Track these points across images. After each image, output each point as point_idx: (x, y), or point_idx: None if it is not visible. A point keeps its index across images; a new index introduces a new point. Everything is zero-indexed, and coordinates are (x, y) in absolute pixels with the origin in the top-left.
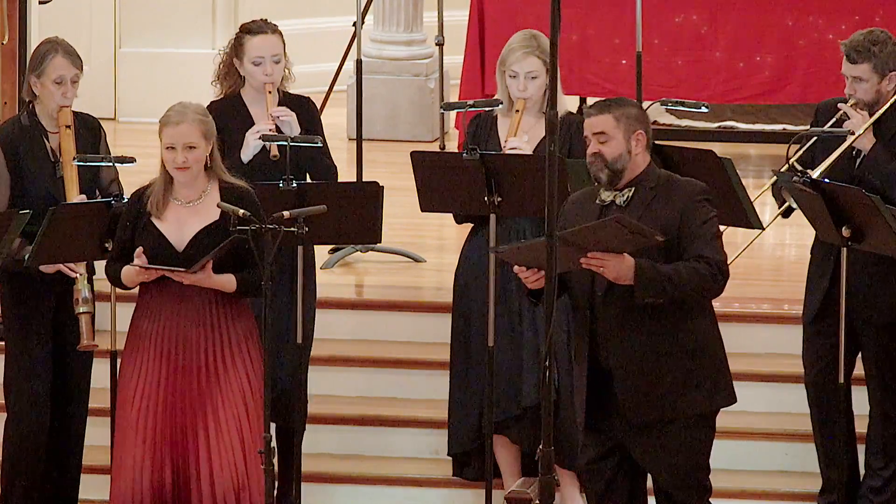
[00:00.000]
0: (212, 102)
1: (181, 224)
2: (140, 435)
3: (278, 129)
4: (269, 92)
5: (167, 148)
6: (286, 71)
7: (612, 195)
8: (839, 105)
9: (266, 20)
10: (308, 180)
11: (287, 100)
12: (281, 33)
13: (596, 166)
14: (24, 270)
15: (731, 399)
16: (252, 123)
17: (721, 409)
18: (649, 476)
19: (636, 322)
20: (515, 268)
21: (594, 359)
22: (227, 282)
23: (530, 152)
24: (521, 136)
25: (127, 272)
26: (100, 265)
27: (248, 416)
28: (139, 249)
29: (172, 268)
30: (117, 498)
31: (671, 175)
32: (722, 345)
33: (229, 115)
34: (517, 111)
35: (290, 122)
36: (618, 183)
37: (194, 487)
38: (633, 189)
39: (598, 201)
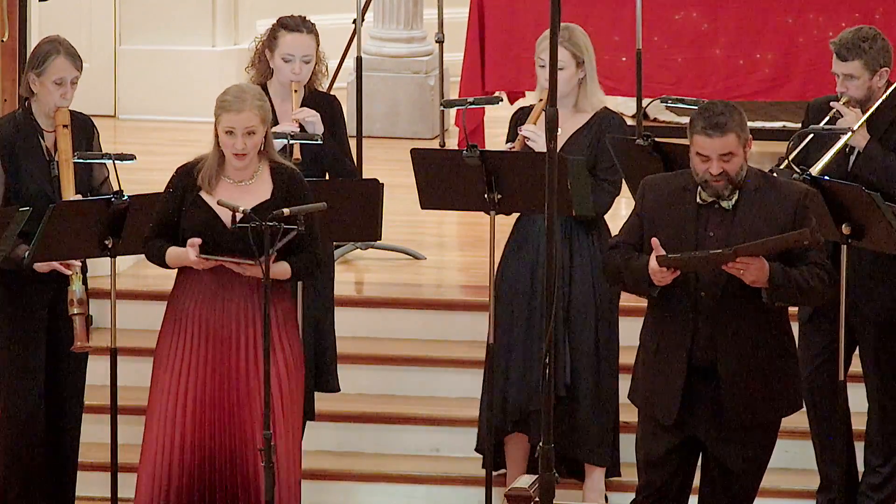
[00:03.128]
0: None
1: (232, 202)
2: (180, 414)
3: (302, 129)
4: (295, 91)
5: (226, 132)
6: (323, 68)
7: (713, 196)
8: (832, 104)
9: (304, 18)
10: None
11: (312, 97)
12: (316, 33)
13: (719, 185)
14: (20, 269)
15: (800, 405)
16: (275, 117)
17: None
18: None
19: (746, 324)
20: (653, 267)
21: (690, 357)
22: (283, 271)
23: (543, 143)
24: (541, 126)
25: (175, 255)
26: (94, 263)
27: (280, 397)
28: (195, 240)
29: (234, 259)
30: (145, 477)
31: (766, 174)
32: None
33: None
34: (540, 100)
35: (314, 123)
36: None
37: (227, 465)
38: (738, 192)
39: (698, 199)
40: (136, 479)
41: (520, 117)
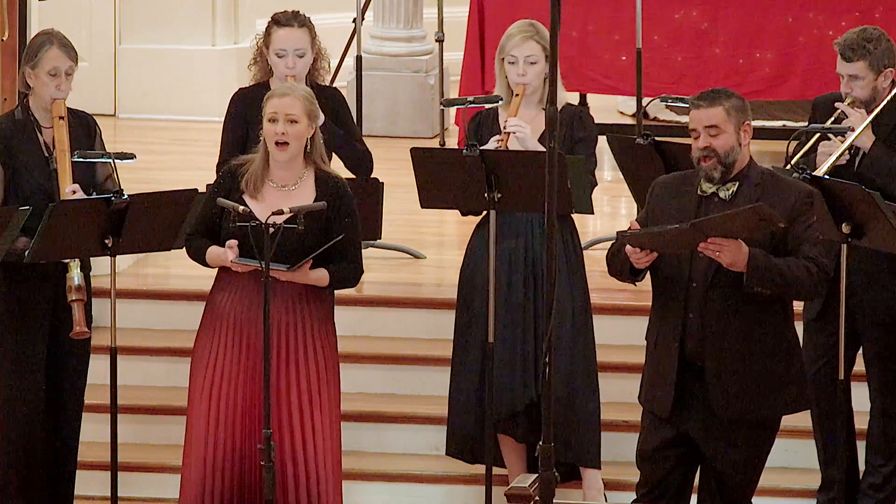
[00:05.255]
0: (239, 90)
1: (273, 207)
2: (214, 418)
3: None
4: None
5: (269, 120)
6: (325, 64)
7: (713, 187)
8: (836, 104)
9: (297, 12)
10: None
11: (315, 91)
12: (310, 27)
13: (709, 165)
14: (20, 261)
15: (809, 404)
16: None
17: None
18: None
19: (735, 318)
20: (628, 248)
21: (681, 350)
22: (321, 277)
23: (529, 135)
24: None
25: (214, 255)
26: (94, 262)
27: (320, 399)
28: (233, 241)
29: (271, 266)
30: (188, 472)
31: (773, 172)
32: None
33: (256, 104)
34: (516, 95)
35: None
36: (726, 177)
37: (259, 471)
38: (738, 184)
39: (698, 192)
40: (181, 479)
41: (480, 122)
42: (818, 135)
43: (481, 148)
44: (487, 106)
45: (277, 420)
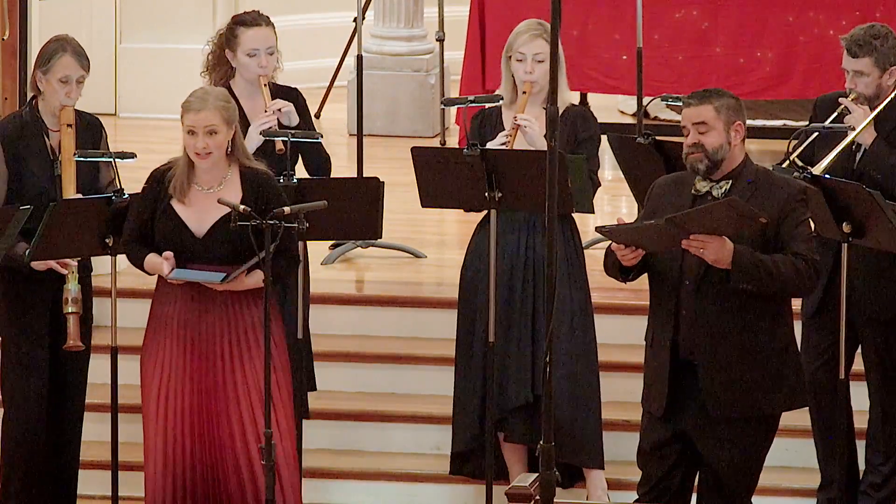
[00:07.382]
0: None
1: (202, 211)
2: (163, 421)
3: (279, 121)
4: (265, 85)
5: (188, 132)
6: (279, 64)
7: (707, 186)
8: (840, 100)
9: (259, 12)
10: (304, 169)
11: (277, 91)
12: (273, 25)
13: (695, 157)
14: (20, 266)
15: (806, 401)
16: (243, 115)
17: None
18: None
19: (727, 316)
20: (613, 245)
21: (674, 348)
22: (256, 282)
23: (539, 132)
24: (529, 114)
25: (151, 264)
26: (94, 262)
27: (260, 404)
28: (168, 253)
29: (204, 277)
30: (149, 481)
31: (767, 170)
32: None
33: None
34: (523, 93)
35: (290, 113)
36: (714, 173)
37: (220, 470)
38: (731, 182)
39: (692, 191)
40: (144, 481)
41: (482, 121)
42: (816, 133)
43: (487, 145)
44: (488, 105)
45: (227, 420)
